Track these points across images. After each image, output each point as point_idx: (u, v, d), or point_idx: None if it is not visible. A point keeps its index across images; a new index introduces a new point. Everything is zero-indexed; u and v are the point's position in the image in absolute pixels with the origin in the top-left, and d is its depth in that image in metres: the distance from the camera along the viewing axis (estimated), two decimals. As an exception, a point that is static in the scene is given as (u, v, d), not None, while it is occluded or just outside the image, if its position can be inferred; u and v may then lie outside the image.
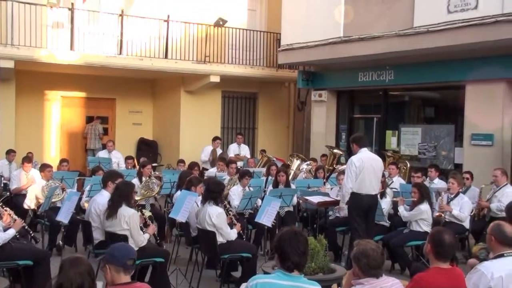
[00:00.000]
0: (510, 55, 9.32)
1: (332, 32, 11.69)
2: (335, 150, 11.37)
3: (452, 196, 7.88)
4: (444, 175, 9.66)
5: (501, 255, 4.01)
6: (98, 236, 6.40)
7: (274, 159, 12.03)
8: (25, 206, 8.28)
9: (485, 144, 9.96)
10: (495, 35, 8.89)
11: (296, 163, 11.36)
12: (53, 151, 13.88)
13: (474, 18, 9.15)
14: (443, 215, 7.67)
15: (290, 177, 10.23)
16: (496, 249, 4.09)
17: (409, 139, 11.80)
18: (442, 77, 10.59)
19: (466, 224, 7.74)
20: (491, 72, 9.73)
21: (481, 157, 9.87)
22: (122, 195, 5.98)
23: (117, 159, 11.86)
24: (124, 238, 5.81)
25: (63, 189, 8.38)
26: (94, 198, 6.80)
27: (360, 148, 7.29)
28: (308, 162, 11.23)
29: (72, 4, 12.00)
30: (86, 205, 7.64)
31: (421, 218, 7.29)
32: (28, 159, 9.62)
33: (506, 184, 8.17)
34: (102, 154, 12.21)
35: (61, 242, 7.55)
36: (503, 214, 7.33)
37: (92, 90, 14.32)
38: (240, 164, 11.38)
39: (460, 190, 8.06)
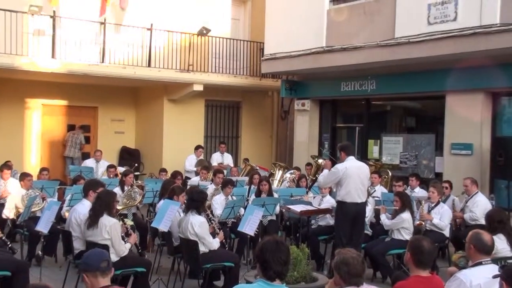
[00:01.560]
0: (488, 66, 9.50)
1: (315, 42, 11.79)
2: (319, 160, 11.43)
3: (433, 205, 7.97)
4: (425, 184, 9.76)
5: (480, 263, 4.08)
6: (78, 246, 6.32)
7: (257, 168, 12.04)
8: (3, 216, 8.15)
9: (464, 154, 10.11)
10: (473, 47, 9.06)
11: (279, 173, 11.40)
12: (33, 160, 13.71)
13: (453, 30, 9.32)
14: (423, 223, 7.75)
15: (274, 186, 10.26)
16: (474, 257, 4.15)
17: (391, 148, 11.92)
18: (423, 87, 10.75)
19: (446, 233, 7.83)
20: (470, 83, 9.90)
21: (461, 166, 10.01)
22: (103, 204, 5.94)
23: (104, 169, 11.72)
24: (105, 248, 5.75)
25: (43, 199, 8.27)
26: (74, 207, 6.72)
27: (347, 156, 7.39)
28: (292, 171, 11.27)
29: (54, 11, 11.91)
30: (66, 214, 7.54)
31: (403, 226, 7.36)
32: (7, 166, 9.45)
33: (477, 192, 8.33)
34: (89, 163, 12.08)
35: (40, 253, 7.43)
36: (477, 223, 7.48)
37: (74, 98, 14.19)
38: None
39: (440, 199, 8.16)
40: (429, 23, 9.75)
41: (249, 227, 6.98)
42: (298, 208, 7.83)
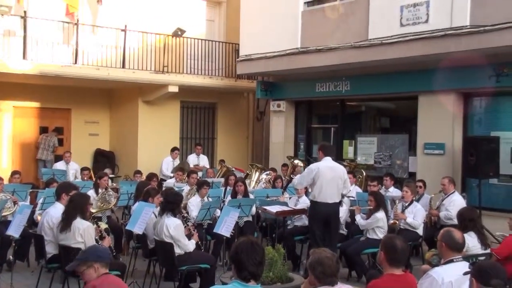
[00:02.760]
0: (459, 67, 9.68)
1: (289, 43, 11.85)
2: (295, 161, 11.45)
3: (407, 204, 8.08)
4: (399, 183, 9.90)
5: (451, 261, 4.15)
6: (51, 250, 6.22)
7: (233, 169, 12.03)
8: (-26, 221, 7.96)
9: (437, 153, 10.28)
10: (444, 48, 9.23)
11: (256, 175, 11.39)
12: (4, 163, 13.43)
13: (425, 32, 9.48)
14: (397, 222, 7.85)
15: (250, 187, 10.26)
16: (446, 255, 4.22)
17: (365, 149, 12.04)
18: (396, 88, 10.89)
19: (420, 231, 7.95)
20: (441, 83, 10.07)
21: (433, 166, 10.18)
22: (76, 207, 5.86)
23: (74, 170, 11.63)
24: (78, 251, 5.66)
25: (14, 202, 8.11)
26: (47, 210, 6.62)
27: (324, 156, 7.44)
28: (268, 172, 11.28)
29: (25, 12, 11.71)
30: (39, 218, 7.41)
31: (378, 226, 7.44)
32: None
33: (454, 192, 8.45)
34: (59, 165, 11.90)
35: (11, 257, 7.29)
36: (452, 222, 7.60)
37: (46, 100, 13.96)
38: (199, 174, 11.33)
39: (414, 198, 8.28)
40: (401, 25, 9.89)
41: (225, 228, 6.97)
42: (274, 209, 7.85)
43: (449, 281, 3.95)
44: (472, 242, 5.55)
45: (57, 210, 6.31)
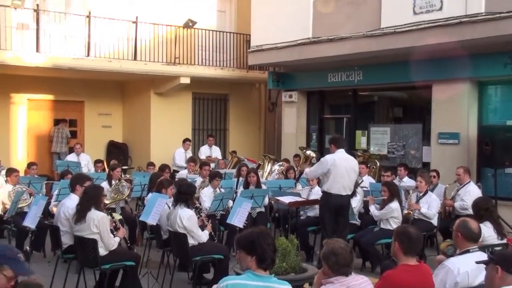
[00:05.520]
0: (474, 55, 9.54)
1: (301, 33, 11.77)
2: (307, 152, 11.45)
3: (421, 194, 8.02)
4: (413, 173, 9.82)
5: (467, 251, 4.11)
6: (67, 240, 6.28)
7: (245, 160, 12.03)
8: (-10, 212, 8.08)
9: (451, 143, 10.18)
10: (459, 36, 9.09)
11: (268, 166, 11.39)
12: (20, 155, 13.57)
13: (439, 19, 9.35)
14: (411, 213, 7.80)
15: (263, 179, 10.26)
16: (462, 245, 4.19)
17: (378, 139, 11.96)
18: (409, 77, 10.75)
19: (434, 222, 7.89)
20: (456, 72, 9.95)
21: (448, 156, 10.08)
22: (90, 198, 5.90)
23: (85, 162, 11.69)
24: (93, 242, 5.73)
25: (30, 194, 8.20)
26: (62, 202, 6.67)
27: (337, 149, 7.41)
28: (281, 163, 11.27)
29: (37, 5, 11.76)
30: (54, 209, 7.49)
31: (392, 216, 7.40)
32: None
33: (469, 182, 8.34)
34: (71, 157, 12.00)
35: (28, 248, 7.38)
36: (467, 212, 7.53)
37: (60, 93, 14.06)
38: (211, 165, 11.36)
39: (428, 188, 8.21)
40: (414, 13, 9.76)
41: (238, 219, 6.98)
42: (286, 199, 7.84)
43: (465, 272, 3.92)
44: (488, 232, 5.49)
45: (72, 201, 6.35)
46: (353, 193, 8.07)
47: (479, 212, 5.69)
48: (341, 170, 7.25)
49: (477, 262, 3.45)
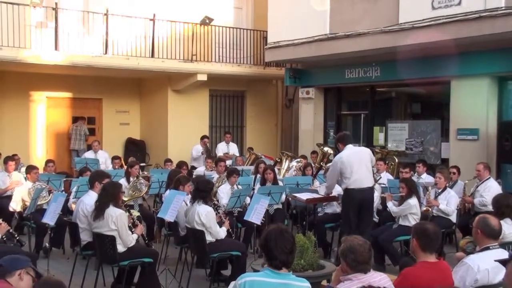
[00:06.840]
0: (494, 50, 9.41)
1: (318, 29, 11.71)
2: (325, 148, 11.39)
3: (439, 191, 7.94)
4: (431, 170, 9.72)
5: (487, 248, 4.06)
6: (85, 237, 6.35)
7: (262, 156, 12.03)
8: (10, 209, 8.20)
9: (470, 139, 10.05)
10: (478, 31, 8.97)
11: (286, 163, 11.36)
12: (39, 152, 13.76)
13: (458, 14, 9.22)
14: (430, 209, 7.72)
15: (280, 176, 10.24)
16: (482, 242, 4.14)
17: (396, 135, 11.87)
18: (427, 73, 10.66)
19: (453, 218, 7.80)
20: (475, 68, 9.82)
21: (467, 152, 9.96)
22: (109, 195, 5.94)
23: (103, 159, 11.79)
24: (112, 238, 5.78)
25: (49, 191, 8.30)
26: (81, 199, 6.74)
27: (345, 146, 7.32)
28: (298, 160, 11.24)
29: (56, 3, 11.88)
30: (73, 206, 7.57)
31: (411, 212, 7.31)
32: (10, 158, 9.45)
33: (489, 178, 8.24)
34: (88, 154, 12.12)
35: (48, 244, 7.48)
36: (486, 209, 7.43)
37: (78, 90, 14.20)
38: (229, 162, 11.38)
39: (447, 184, 8.12)
40: (433, 8, 9.65)
41: (255, 216, 6.97)
42: (304, 196, 7.82)
43: (485, 269, 3.88)
44: (508, 229, 5.41)
45: (91, 198, 6.41)
46: (372, 188, 7.99)
47: (500, 209, 5.61)
48: (353, 164, 7.09)
49: (497, 261, 3.41)
